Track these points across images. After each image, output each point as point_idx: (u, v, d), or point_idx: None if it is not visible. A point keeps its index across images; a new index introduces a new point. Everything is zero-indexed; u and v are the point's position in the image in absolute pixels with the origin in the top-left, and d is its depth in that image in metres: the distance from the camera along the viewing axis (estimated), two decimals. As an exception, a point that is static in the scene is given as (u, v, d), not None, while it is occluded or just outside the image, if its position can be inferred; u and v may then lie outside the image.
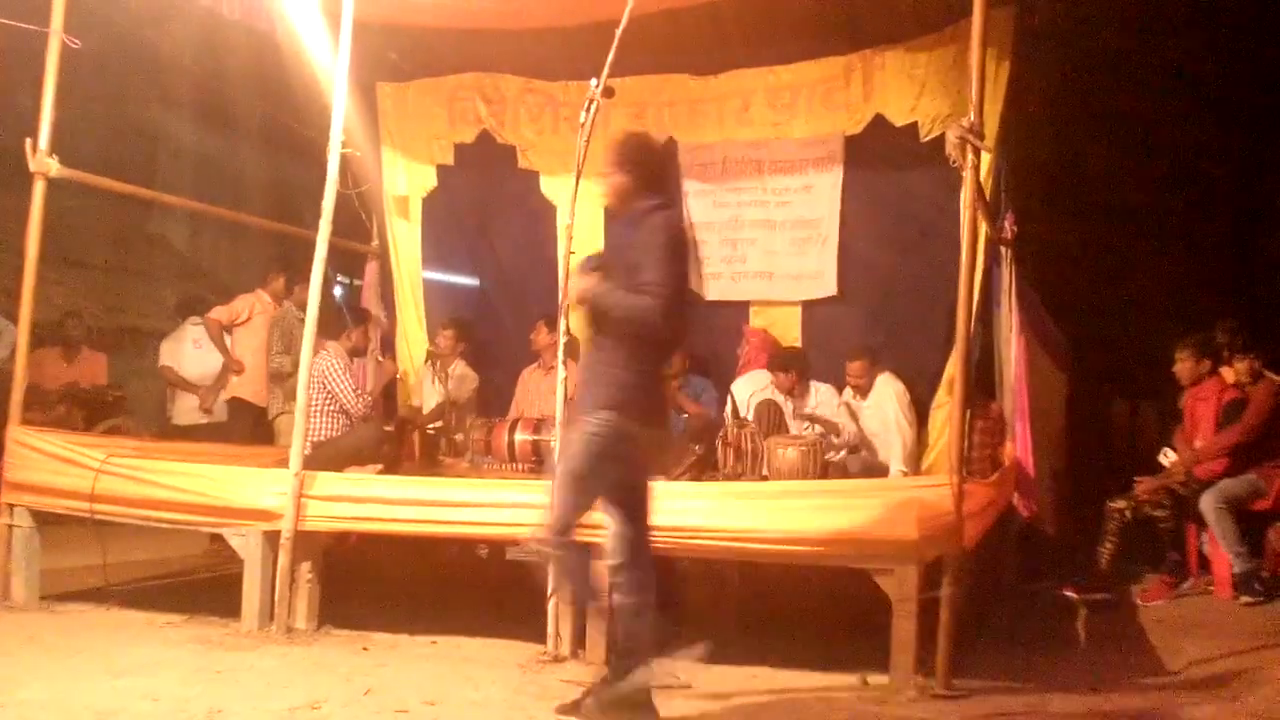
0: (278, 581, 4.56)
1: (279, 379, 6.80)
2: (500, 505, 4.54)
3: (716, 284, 6.69)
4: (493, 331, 7.29)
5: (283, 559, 4.56)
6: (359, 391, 5.78)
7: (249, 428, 6.94)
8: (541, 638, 4.32)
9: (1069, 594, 5.58)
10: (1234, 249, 8.43)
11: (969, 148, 4.09)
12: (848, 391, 6.09)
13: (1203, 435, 5.97)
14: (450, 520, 4.54)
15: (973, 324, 4.43)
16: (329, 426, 5.76)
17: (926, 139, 5.91)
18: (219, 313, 7.12)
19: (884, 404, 5.90)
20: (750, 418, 5.69)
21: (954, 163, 4.26)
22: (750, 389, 6.05)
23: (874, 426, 5.94)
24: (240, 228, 9.76)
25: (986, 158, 4.90)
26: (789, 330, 6.54)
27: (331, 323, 6.04)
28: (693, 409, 6.24)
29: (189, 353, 7.48)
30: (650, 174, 3.51)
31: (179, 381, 7.42)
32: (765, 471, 5.23)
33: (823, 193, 6.40)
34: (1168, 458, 6.01)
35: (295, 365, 6.55)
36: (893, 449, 5.84)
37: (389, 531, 4.68)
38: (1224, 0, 7.49)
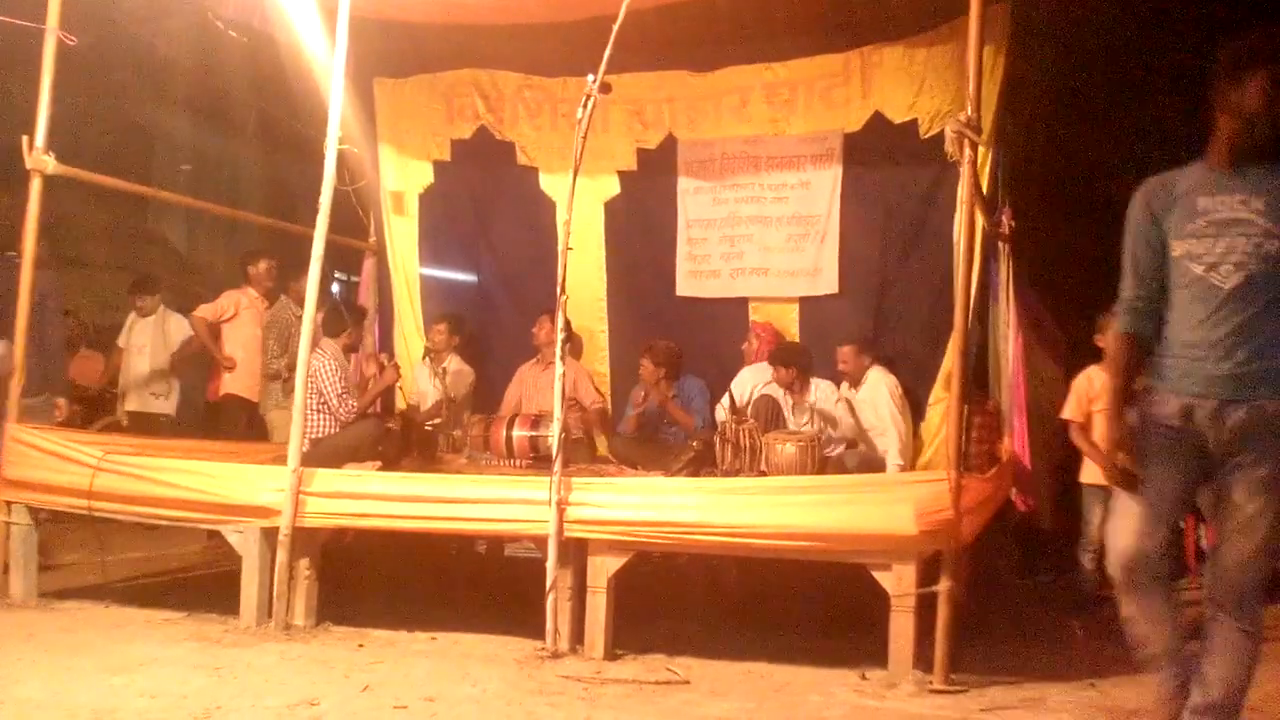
0: (276, 578, 4.57)
1: (275, 379, 6.80)
2: (498, 501, 4.55)
3: (715, 281, 6.70)
4: (491, 328, 7.29)
5: (281, 556, 4.56)
6: (343, 395, 5.76)
7: (242, 423, 6.94)
8: (540, 633, 4.33)
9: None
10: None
11: (966, 142, 4.10)
12: (844, 385, 6.10)
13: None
14: (448, 516, 4.55)
15: (970, 319, 4.43)
16: (326, 424, 5.76)
17: (926, 136, 5.91)
18: (205, 310, 7.09)
19: (876, 397, 5.91)
20: (749, 411, 5.69)
21: (951, 157, 4.27)
22: (752, 381, 6.05)
23: (868, 420, 5.94)
24: (237, 225, 9.79)
25: (983, 152, 4.91)
26: (787, 327, 6.54)
27: (329, 320, 6.03)
28: (683, 419, 6.23)
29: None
30: None
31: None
32: (763, 467, 5.23)
33: (821, 190, 6.40)
34: None
35: (290, 368, 6.59)
36: (888, 442, 5.84)
37: (387, 528, 4.69)
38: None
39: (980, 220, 4.64)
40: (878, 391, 5.91)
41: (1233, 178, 2.83)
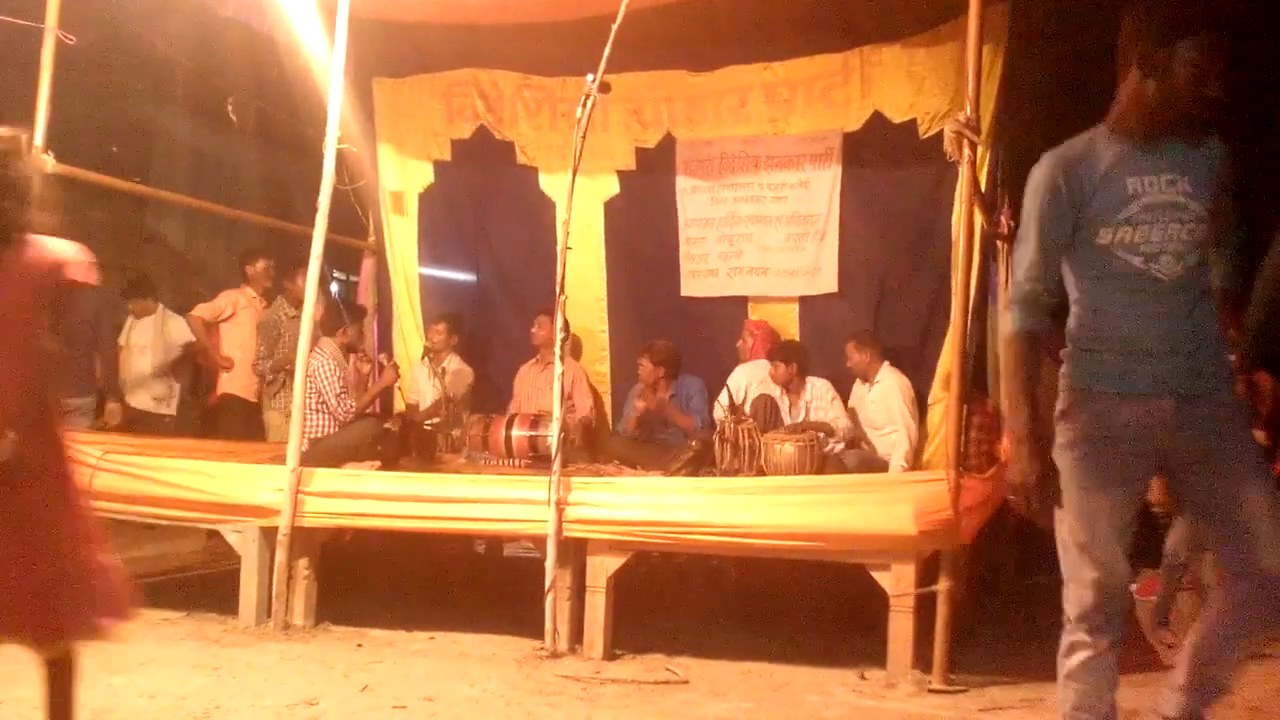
0: (275, 578, 4.58)
1: (261, 380, 6.81)
2: (497, 501, 4.56)
3: (713, 280, 6.69)
4: (491, 327, 7.29)
5: (280, 555, 4.57)
6: (341, 395, 5.77)
7: (240, 424, 6.94)
8: (539, 633, 4.33)
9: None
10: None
11: (965, 142, 4.10)
12: (857, 382, 6.08)
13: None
14: (447, 516, 4.55)
15: (969, 319, 4.43)
16: (325, 424, 5.76)
17: (925, 136, 5.90)
18: (203, 310, 7.09)
19: (889, 397, 5.89)
20: (747, 410, 5.69)
21: (951, 157, 4.26)
22: (747, 379, 6.04)
23: (879, 419, 5.93)
24: (236, 225, 9.76)
25: (982, 152, 4.91)
26: (787, 326, 6.54)
27: (326, 318, 6.03)
28: (681, 420, 6.23)
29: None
30: None
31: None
32: (762, 466, 5.23)
33: (820, 189, 6.39)
34: None
35: (275, 370, 6.59)
36: (897, 442, 5.81)
37: (386, 528, 4.69)
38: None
39: (979, 220, 4.64)
40: (890, 391, 5.89)
41: (1154, 154, 2.50)
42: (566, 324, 4.64)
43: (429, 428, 6.50)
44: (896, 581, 3.96)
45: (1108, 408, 2.51)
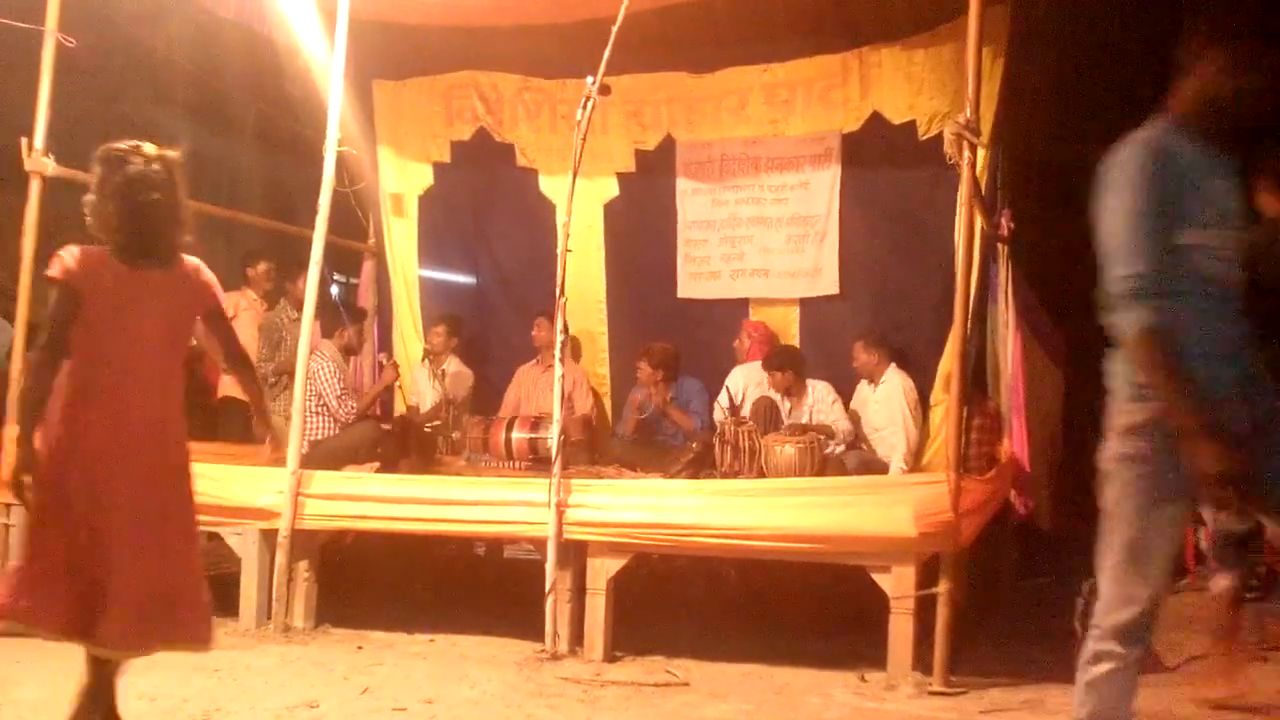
0: (275, 580, 4.58)
1: (264, 383, 6.79)
2: (497, 503, 4.56)
3: (715, 283, 6.69)
4: (491, 330, 7.29)
5: (280, 558, 4.57)
6: (342, 396, 5.77)
7: (240, 426, 6.92)
8: (539, 635, 4.33)
9: None
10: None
11: (965, 144, 4.10)
12: (862, 383, 6.08)
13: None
14: (447, 519, 4.56)
15: (969, 321, 4.43)
16: (324, 426, 5.76)
17: (925, 137, 5.91)
18: None
19: (892, 398, 5.88)
20: (746, 412, 5.69)
21: (951, 159, 4.26)
22: (745, 381, 6.04)
23: (881, 420, 5.92)
24: (236, 226, 9.76)
25: (982, 154, 4.91)
26: (787, 328, 6.54)
27: (329, 321, 6.03)
28: (682, 421, 6.22)
29: None
30: None
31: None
32: (763, 468, 5.23)
33: (820, 190, 6.40)
34: None
35: (277, 373, 6.58)
36: (896, 445, 5.81)
37: (386, 530, 4.69)
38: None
39: (979, 221, 4.64)
40: (895, 392, 5.88)
41: (1219, 158, 2.48)
42: (566, 326, 4.63)
43: (429, 430, 6.49)
44: (897, 583, 3.96)
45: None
